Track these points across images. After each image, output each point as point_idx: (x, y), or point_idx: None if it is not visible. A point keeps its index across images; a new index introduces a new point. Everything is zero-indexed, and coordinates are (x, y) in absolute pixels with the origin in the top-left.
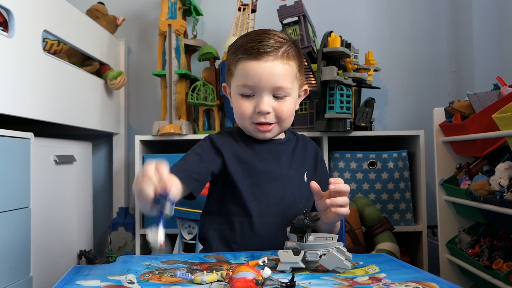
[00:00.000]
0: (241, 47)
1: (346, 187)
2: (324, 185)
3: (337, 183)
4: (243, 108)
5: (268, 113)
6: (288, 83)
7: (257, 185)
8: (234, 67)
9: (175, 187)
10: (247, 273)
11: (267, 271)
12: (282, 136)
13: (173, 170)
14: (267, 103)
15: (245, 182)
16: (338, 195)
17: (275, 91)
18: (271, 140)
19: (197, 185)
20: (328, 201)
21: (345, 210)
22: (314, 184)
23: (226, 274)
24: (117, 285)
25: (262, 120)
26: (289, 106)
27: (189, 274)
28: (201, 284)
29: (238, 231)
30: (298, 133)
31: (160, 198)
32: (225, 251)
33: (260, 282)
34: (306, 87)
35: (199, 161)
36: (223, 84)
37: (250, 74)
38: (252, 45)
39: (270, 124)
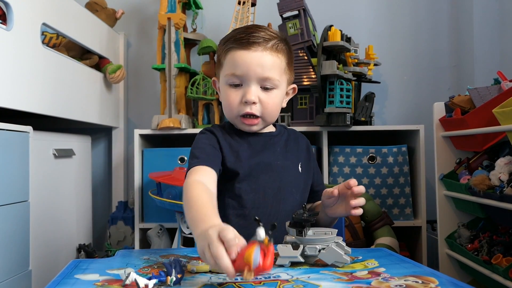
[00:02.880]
0: (231, 38)
1: (363, 189)
2: (317, 177)
3: (356, 185)
4: (230, 98)
5: (254, 103)
6: (276, 74)
7: (253, 177)
8: (224, 57)
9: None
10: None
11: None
12: (273, 129)
13: (203, 162)
14: (254, 92)
15: (242, 174)
16: (354, 196)
17: (262, 82)
18: (263, 133)
19: (218, 168)
20: (354, 202)
21: (361, 211)
22: (335, 192)
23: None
24: (116, 279)
25: (248, 110)
26: (276, 99)
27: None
28: (190, 272)
29: (234, 224)
30: (289, 127)
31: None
32: None
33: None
34: (294, 85)
35: (214, 149)
36: (213, 78)
37: (238, 63)
38: (242, 36)
39: (256, 116)
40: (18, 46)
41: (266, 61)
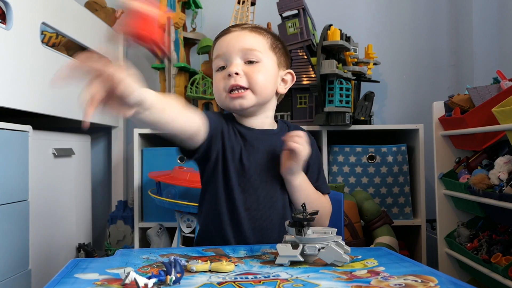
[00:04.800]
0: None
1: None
2: (312, 171)
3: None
4: (216, 80)
5: (237, 74)
6: (258, 47)
7: (245, 178)
8: (212, 50)
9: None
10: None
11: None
12: (274, 126)
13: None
14: (236, 65)
15: (235, 174)
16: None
17: (245, 55)
18: (263, 130)
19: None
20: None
21: (299, 146)
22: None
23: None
24: (116, 278)
25: (232, 82)
26: (263, 71)
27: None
28: (190, 271)
29: (227, 223)
30: (291, 123)
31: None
32: (212, 242)
33: None
34: (290, 70)
35: (216, 119)
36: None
37: (220, 44)
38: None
39: (242, 88)
40: (17, 46)
41: (245, 36)
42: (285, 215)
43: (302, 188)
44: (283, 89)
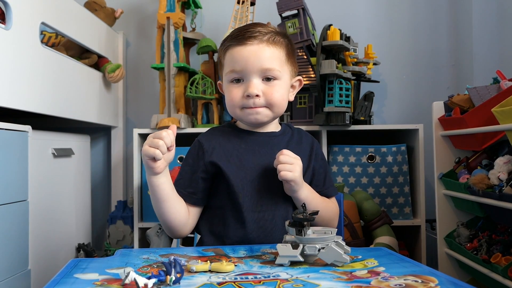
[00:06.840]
0: (229, 37)
1: (286, 159)
2: (318, 178)
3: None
4: (232, 94)
5: (257, 96)
6: (276, 65)
7: (249, 180)
8: (223, 57)
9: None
10: None
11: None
12: (277, 128)
13: (181, 194)
14: (255, 85)
15: (237, 177)
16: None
17: (263, 74)
18: (265, 133)
19: (197, 197)
20: (278, 166)
21: (287, 174)
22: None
23: None
24: (115, 278)
25: (252, 105)
26: (280, 90)
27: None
28: (190, 271)
29: (230, 225)
30: (295, 126)
31: None
32: (215, 245)
33: None
34: (299, 77)
35: (191, 173)
36: (218, 82)
37: (236, 58)
38: (238, 33)
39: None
40: (17, 46)
41: (264, 53)
42: (289, 216)
43: (309, 200)
44: (292, 97)
